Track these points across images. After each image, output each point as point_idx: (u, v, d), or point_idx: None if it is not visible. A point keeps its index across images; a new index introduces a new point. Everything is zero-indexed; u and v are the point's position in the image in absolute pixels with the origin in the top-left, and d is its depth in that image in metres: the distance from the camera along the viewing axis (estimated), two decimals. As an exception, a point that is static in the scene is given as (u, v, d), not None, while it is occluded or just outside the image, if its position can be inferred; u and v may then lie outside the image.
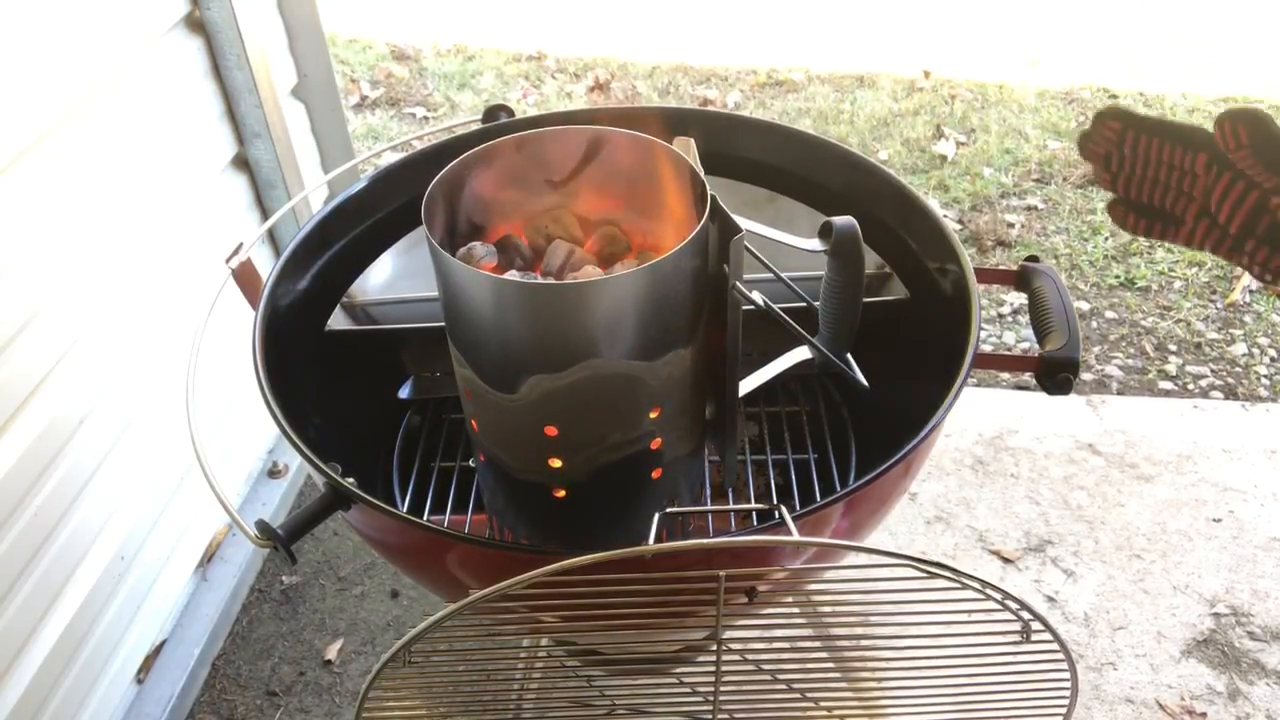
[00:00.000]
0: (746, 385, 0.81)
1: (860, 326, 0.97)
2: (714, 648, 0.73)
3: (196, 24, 1.35)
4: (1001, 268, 1.03)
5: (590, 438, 0.77)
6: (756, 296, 0.74)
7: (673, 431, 0.80)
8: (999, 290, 2.14)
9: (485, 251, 0.80)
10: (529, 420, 0.76)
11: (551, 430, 0.76)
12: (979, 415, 1.80)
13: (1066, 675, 0.73)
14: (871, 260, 0.97)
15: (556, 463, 0.78)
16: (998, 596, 0.66)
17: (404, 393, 1.08)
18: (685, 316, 0.75)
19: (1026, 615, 0.68)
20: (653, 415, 0.77)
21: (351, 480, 0.76)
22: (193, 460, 0.81)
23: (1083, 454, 1.73)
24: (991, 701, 0.75)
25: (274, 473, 1.66)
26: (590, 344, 0.71)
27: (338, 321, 1.01)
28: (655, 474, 0.82)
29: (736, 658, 0.75)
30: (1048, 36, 3.11)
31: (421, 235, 0.73)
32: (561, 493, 0.81)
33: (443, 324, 0.80)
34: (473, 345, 0.76)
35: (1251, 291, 2.11)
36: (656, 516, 0.68)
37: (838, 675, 0.78)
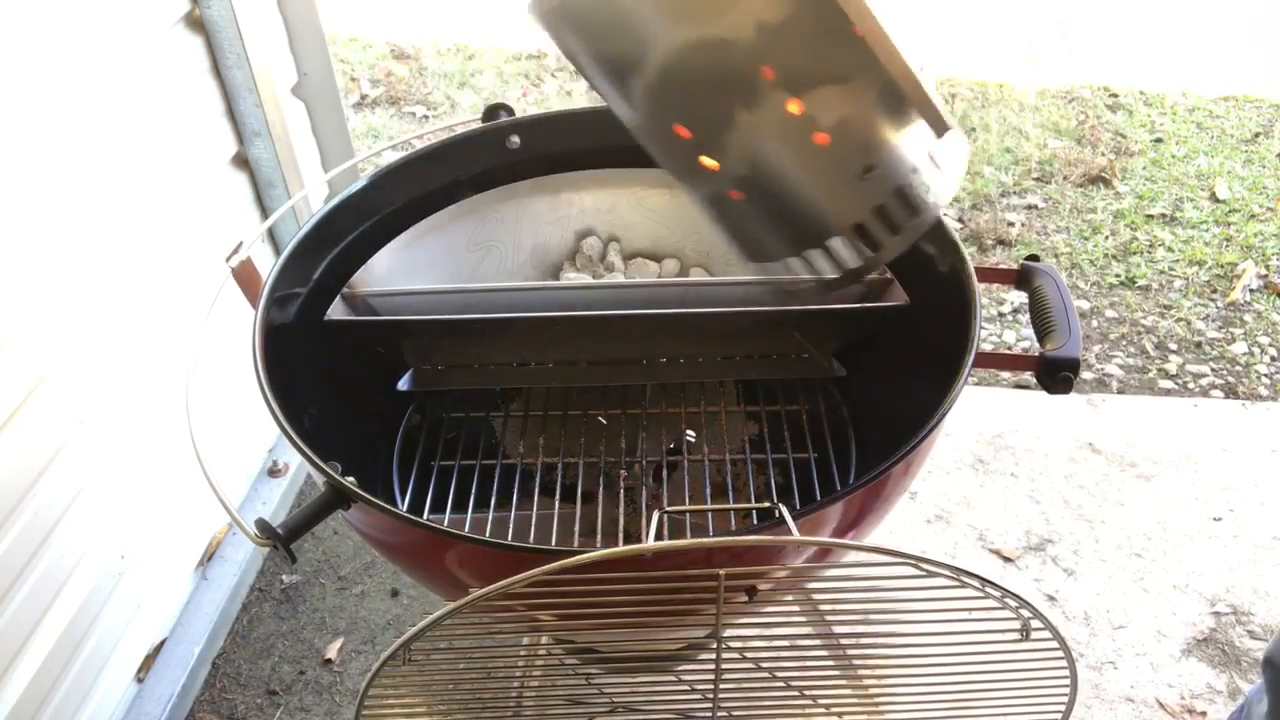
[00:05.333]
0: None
1: (861, 329, 0.97)
2: (714, 646, 0.73)
3: (196, 22, 1.35)
4: (1002, 267, 1.03)
5: (717, 120, 0.68)
6: None
7: (803, 76, 0.66)
8: (999, 289, 2.14)
9: None
10: (658, 129, 0.70)
11: (683, 131, 0.69)
12: (979, 414, 1.80)
13: (1066, 672, 0.73)
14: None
15: (711, 162, 0.70)
16: (997, 594, 0.66)
17: (403, 385, 1.08)
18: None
19: (1026, 613, 0.68)
20: (765, 75, 0.65)
21: (351, 479, 0.76)
22: (193, 459, 0.81)
23: (1083, 453, 1.73)
24: (991, 699, 0.75)
25: (274, 472, 1.66)
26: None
27: (338, 312, 1.02)
28: (819, 139, 0.67)
29: (736, 656, 0.75)
30: (1047, 36, 3.11)
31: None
32: (738, 194, 0.71)
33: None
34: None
35: (1252, 291, 2.11)
36: (656, 515, 0.68)
37: (837, 673, 0.78)
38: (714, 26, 0.64)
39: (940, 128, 0.66)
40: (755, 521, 1.02)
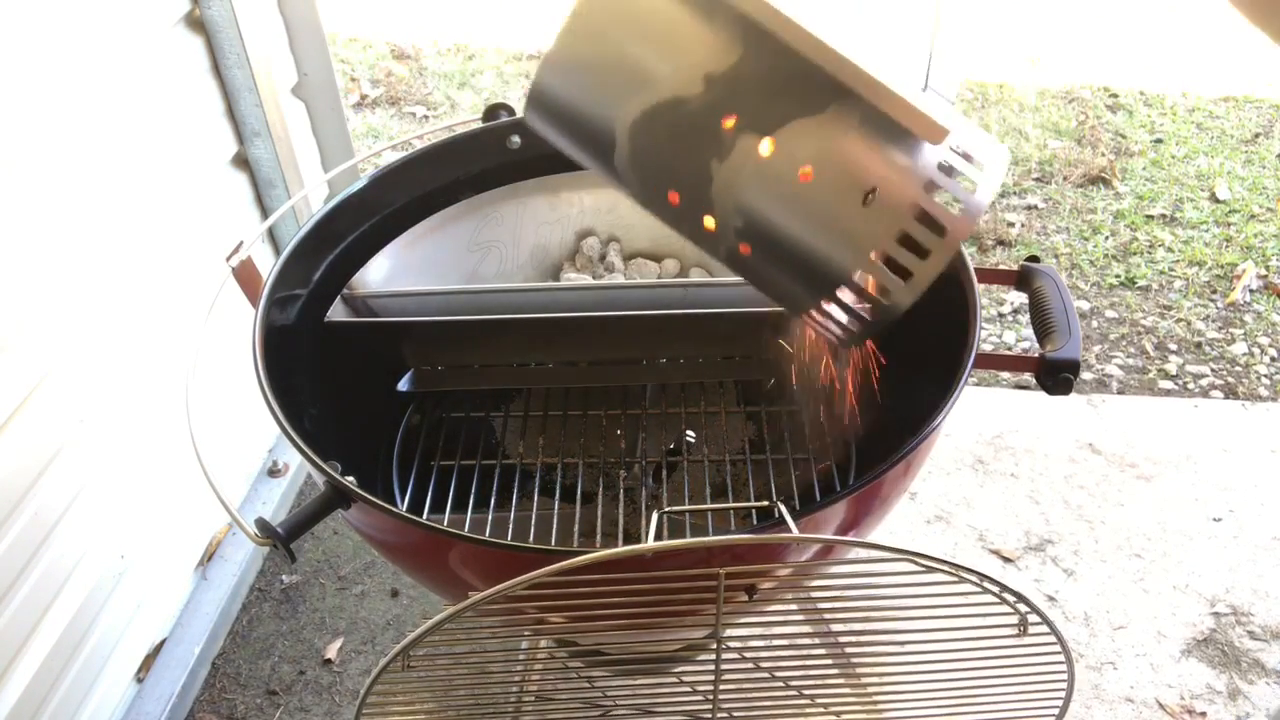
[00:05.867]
0: None
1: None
2: (714, 647, 0.73)
3: (197, 23, 1.35)
4: (1002, 267, 1.03)
5: (696, 179, 0.67)
6: None
7: (768, 115, 0.65)
8: (999, 289, 2.14)
9: None
10: (653, 200, 0.70)
11: (674, 197, 0.70)
12: (979, 415, 1.80)
13: (1063, 666, 0.73)
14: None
15: (710, 221, 0.69)
16: (995, 589, 0.67)
17: (403, 385, 1.09)
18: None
19: (1023, 608, 0.68)
20: (727, 125, 0.65)
21: (351, 479, 0.76)
22: (193, 459, 0.81)
23: (1083, 453, 1.73)
24: (990, 694, 0.75)
25: (274, 471, 1.66)
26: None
27: (338, 313, 1.01)
28: (802, 175, 0.66)
29: (736, 656, 0.75)
30: (1048, 36, 3.11)
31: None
32: (746, 248, 0.71)
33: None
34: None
35: (1251, 291, 2.11)
36: (656, 515, 0.68)
37: (836, 672, 0.78)
38: (664, 88, 0.64)
39: (934, 135, 0.62)
40: (755, 521, 1.02)
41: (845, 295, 0.68)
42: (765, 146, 0.64)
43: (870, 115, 0.62)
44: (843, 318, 0.70)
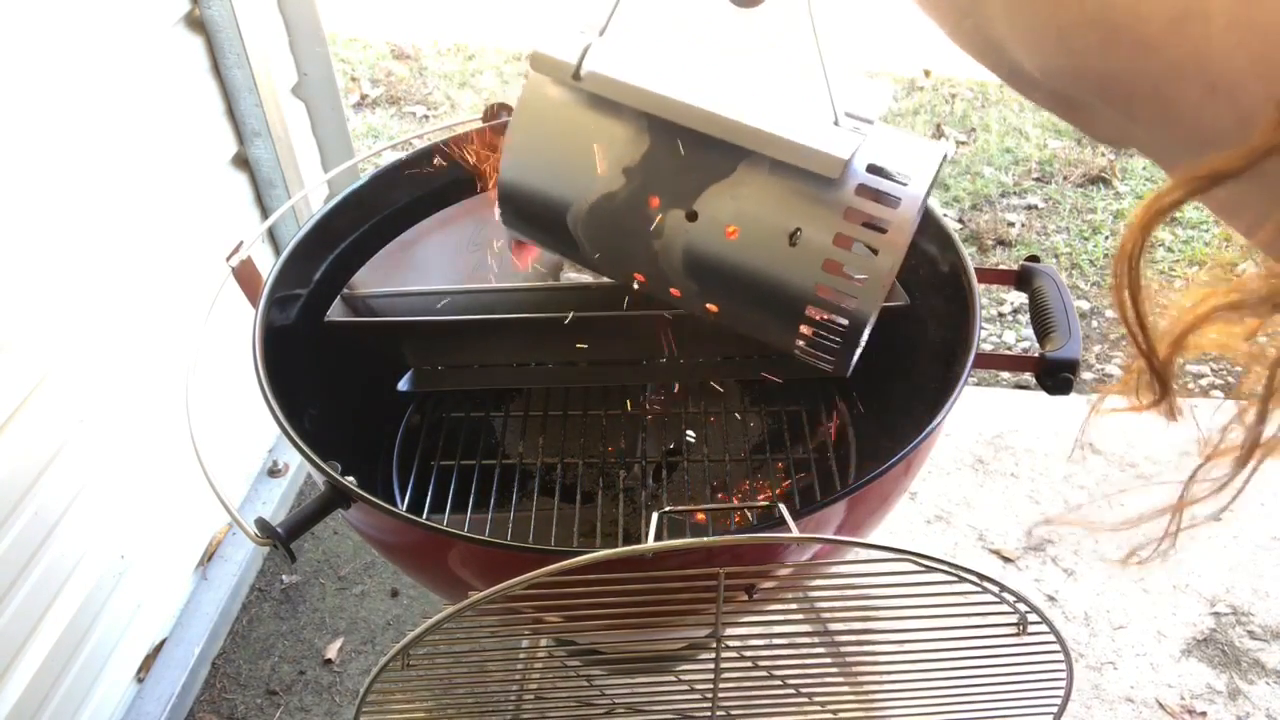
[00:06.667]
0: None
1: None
2: (714, 646, 0.73)
3: (197, 22, 1.35)
4: (1002, 267, 1.03)
5: (645, 258, 0.73)
6: None
7: (684, 188, 0.70)
8: (999, 289, 2.14)
9: None
10: (626, 282, 0.76)
11: (640, 277, 0.75)
12: (979, 414, 1.80)
13: (1063, 665, 0.73)
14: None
15: (676, 290, 0.74)
16: (994, 589, 0.67)
17: (403, 385, 1.09)
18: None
19: (1023, 607, 0.69)
20: (654, 206, 0.70)
21: (351, 479, 0.76)
22: (193, 459, 0.81)
23: (1083, 453, 1.73)
24: (989, 694, 0.76)
25: (274, 471, 1.66)
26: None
27: (338, 313, 1.01)
28: (729, 233, 0.70)
29: (735, 656, 0.75)
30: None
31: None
32: (713, 307, 0.77)
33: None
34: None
35: (1252, 291, 2.12)
36: (656, 515, 0.68)
37: (836, 671, 0.78)
38: (594, 187, 0.70)
39: (830, 169, 0.65)
40: (755, 521, 1.02)
41: (808, 330, 0.72)
42: (688, 216, 0.69)
43: (776, 164, 0.67)
44: (822, 350, 0.75)
